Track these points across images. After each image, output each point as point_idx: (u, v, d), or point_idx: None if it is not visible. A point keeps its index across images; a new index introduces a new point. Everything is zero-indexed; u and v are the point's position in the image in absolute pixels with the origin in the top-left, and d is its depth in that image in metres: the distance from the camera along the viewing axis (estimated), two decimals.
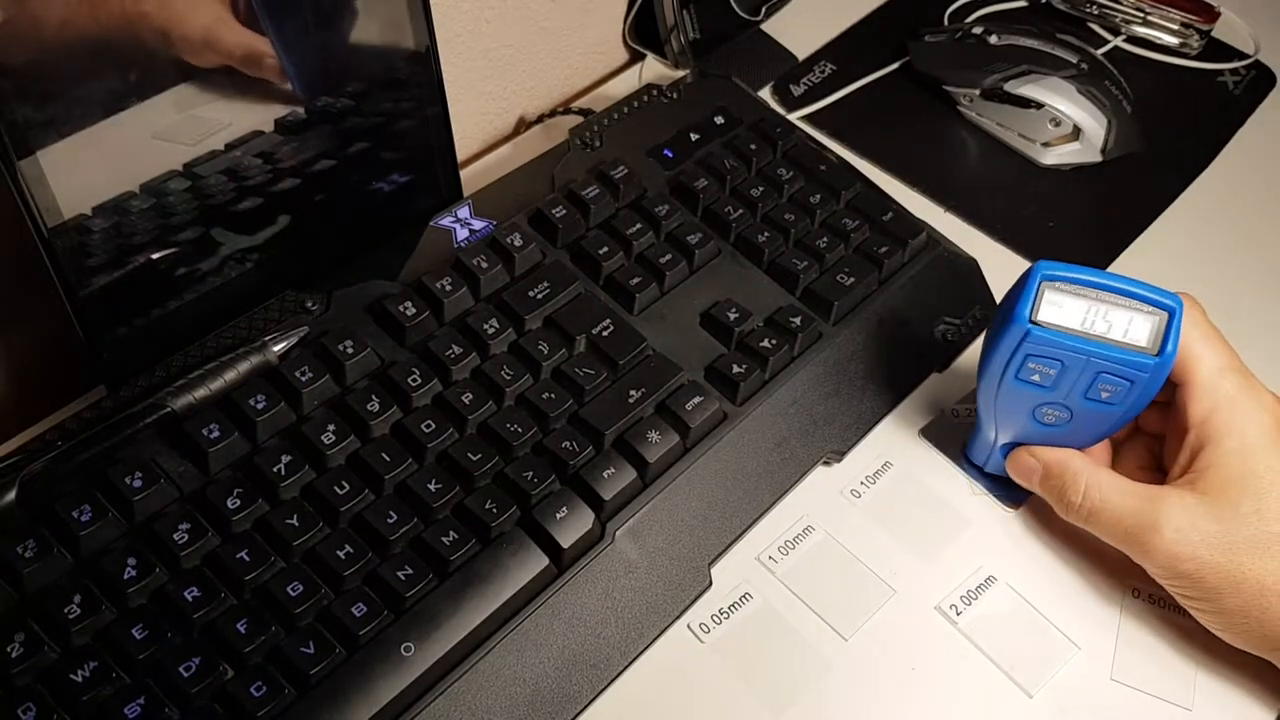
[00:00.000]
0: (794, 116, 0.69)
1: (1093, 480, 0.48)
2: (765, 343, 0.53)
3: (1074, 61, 0.67)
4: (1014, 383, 0.47)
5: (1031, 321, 0.45)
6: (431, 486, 0.46)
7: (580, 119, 0.65)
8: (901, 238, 0.58)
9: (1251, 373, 0.48)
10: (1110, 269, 0.63)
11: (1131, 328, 0.45)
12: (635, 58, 0.73)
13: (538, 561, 0.45)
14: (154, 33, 0.43)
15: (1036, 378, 0.46)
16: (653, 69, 0.71)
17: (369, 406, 0.47)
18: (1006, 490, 0.53)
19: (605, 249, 0.55)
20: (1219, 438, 0.46)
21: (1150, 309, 0.45)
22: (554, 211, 0.56)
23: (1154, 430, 0.51)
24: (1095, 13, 0.77)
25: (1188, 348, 0.46)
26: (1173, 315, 0.45)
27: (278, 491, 0.45)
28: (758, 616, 0.48)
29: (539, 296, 0.52)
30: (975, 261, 0.61)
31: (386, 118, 0.52)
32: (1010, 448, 0.51)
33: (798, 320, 0.54)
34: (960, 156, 0.69)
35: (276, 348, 0.48)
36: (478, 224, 0.55)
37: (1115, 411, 0.47)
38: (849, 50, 0.74)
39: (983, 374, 0.48)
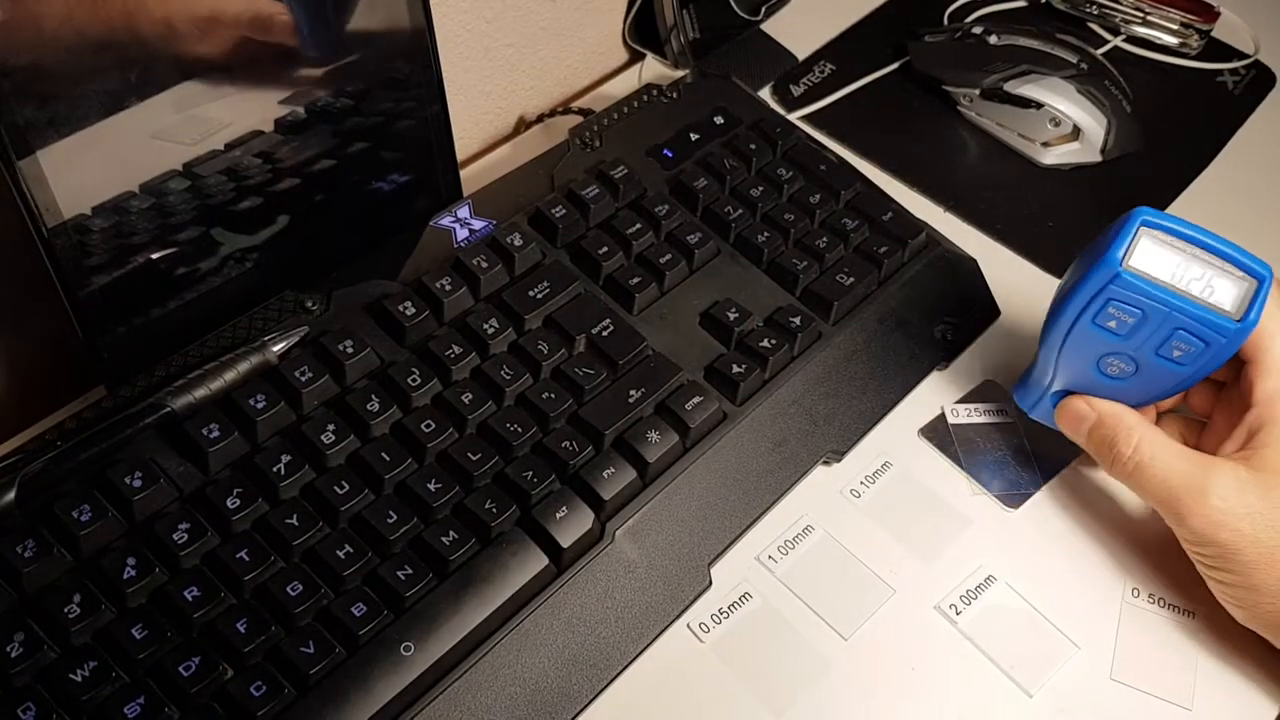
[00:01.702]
0: (794, 116, 0.69)
1: (1146, 436, 0.47)
2: (765, 343, 0.53)
3: (1074, 61, 0.67)
4: (1089, 326, 0.46)
5: (1123, 265, 0.44)
6: (431, 486, 0.46)
7: (580, 119, 0.65)
8: (901, 238, 0.58)
9: None
10: None
11: (1218, 289, 0.44)
12: (635, 58, 0.73)
13: (537, 561, 0.45)
14: (156, 21, 0.43)
15: (1113, 324, 0.45)
16: (652, 69, 0.71)
17: (369, 406, 0.47)
18: (1007, 490, 0.53)
19: (605, 249, 0.55)
20: None
21: (1240, 274, 0.44)
22: (554, 211, 0.56)
23: (1200, 409, 0.51)
24: (1095, 13, 0.77)
25: (1265, 324, 0.45)
26: (1262, 283, 0.44)
27: (277, 491, 0.45)
28: (757, 616, 0.48)
29: (539, 296, 0.52)
30: (975, 261, 0.61)
31: (386, 117, 0.52)
32: (1061, 396, 0.50)
33: (797, 320, 0.54)
34: (960, 156, 0.69)
35: (276, 348, 0.48)
36: (477, 224, 0.55)
37: (1180, 373, 0.46)
38: (849, 50, 0.74)
39: (1056, 313, 0.47)
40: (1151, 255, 0.44)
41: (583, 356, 0.52)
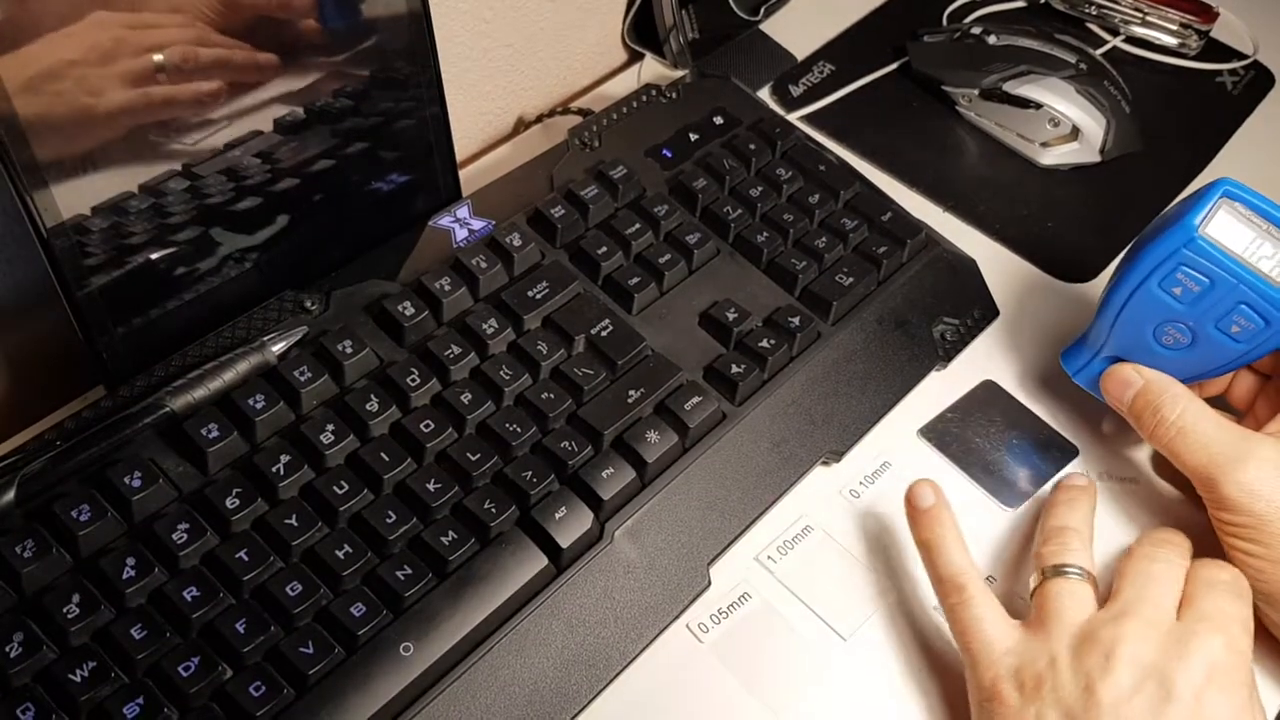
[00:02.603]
0: (793, 117, 0.69)
1: (1191, 405, 0.48)
2: (764, 343, 0.53)
3: (1073, 62, 0.67)
4: (1154, 289, 0.46)
5: (1199, 231, 0.44)
6: (430, 486, 0.46)
7: (579, 119, 0.65)
8: (900, 238, 0.58)
9: None
10: (1108, 270, 0.63)
11: None
12: (634, 58, 0.73)
13: (537, 561, 0.45)
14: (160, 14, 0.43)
15: (1178, 290, 0.46)
16: (652, 69, 0.71)
17: (368, 406, 0.47)
18: (1005, 490, 0.53)
19: (604, 249, 0.55)
20: None
21: None
22: (553, 211, 0.56)
23: (1242, 402, 0.52)
24: (1094, 13, 0.77)
25: None
26: None
27: (276, 491, 0.45)
28: (756, 616, 0.48)
29: (538, 296, 0.52)
30: (974, 261, 0.61)
31: (386, 117, 0.52)
32: (1110, 363, 0.50)
33: (796, 320, 0.54)
34: (959, 157, 0.69)
35: (275, 348, 0.48)
36: (477, 224, 0.55)
37: (1234, 350, 0.46)
38: (848, 50, 0.74)
39: (1121, 276, 0.48)
40: (1228, 226, 0.45)
41: (582, 357, 0.52)
